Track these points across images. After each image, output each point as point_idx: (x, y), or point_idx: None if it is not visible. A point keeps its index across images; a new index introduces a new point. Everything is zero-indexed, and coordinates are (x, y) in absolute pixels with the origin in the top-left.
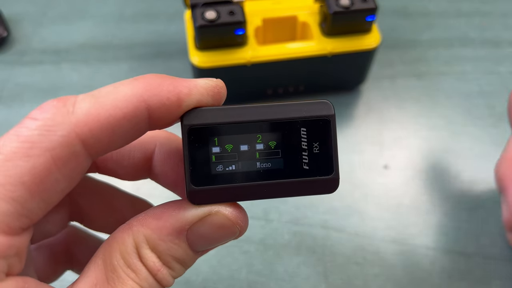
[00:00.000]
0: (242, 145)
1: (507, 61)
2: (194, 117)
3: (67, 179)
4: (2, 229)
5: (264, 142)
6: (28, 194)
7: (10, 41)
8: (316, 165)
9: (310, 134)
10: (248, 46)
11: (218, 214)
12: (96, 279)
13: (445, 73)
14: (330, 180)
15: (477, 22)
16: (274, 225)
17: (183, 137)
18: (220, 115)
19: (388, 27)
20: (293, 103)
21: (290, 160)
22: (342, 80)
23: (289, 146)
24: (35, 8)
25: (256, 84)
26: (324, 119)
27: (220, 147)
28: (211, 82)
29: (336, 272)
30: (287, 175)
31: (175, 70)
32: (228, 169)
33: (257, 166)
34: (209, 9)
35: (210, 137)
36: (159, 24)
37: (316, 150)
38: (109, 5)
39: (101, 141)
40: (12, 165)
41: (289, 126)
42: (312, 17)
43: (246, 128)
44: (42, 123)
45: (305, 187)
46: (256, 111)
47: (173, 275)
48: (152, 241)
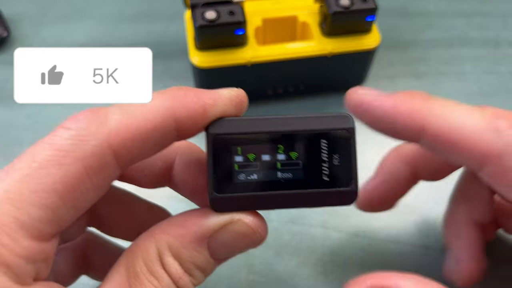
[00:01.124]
0: (264, 155)
1: (507, 61)
2: (218, 126)
3: (97, 188)
4: (33, 234)
5: (285, 152)
6: (60, 201)
7: (10, 41)
8: (336, 177)
9: (330, 146)
10: (248, 46)
11: (239, 222)
12: (118, 286)
13: (445, 73)
14: (349, 192)
15: (477, 22)
16: (274, 225)
17: (207, 145)
18: (244, 125)
19: (388, 27)
20: (315, 115)
21: (311, 171)
22: (342, 80)
23: (310, 157)
24: (35, 8)
25: (256, 84)
26: (344, 131)
27: (243, 156)
28: (234, 92)
29: (335, 272)
30: (307, 186)
31: (175, 70)
32: (250, 178)
33: (278, 176)
34: (209, 9)
35: (234, 146)
36: (159, 24)
37: (336, 162)
38: (109, 5)
39: (132, 152)
40: (46, 173)
41: (311, 138)
42: (312, 17)
43: (268, 138)
44: (76, 132)
45: (324, 198)
46: (278, 122)
47: (193, 283)
48: (174, 248)
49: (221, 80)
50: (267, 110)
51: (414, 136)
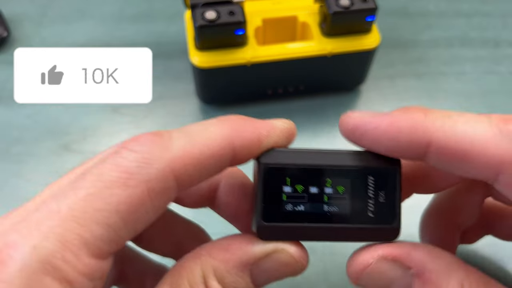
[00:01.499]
0: (312, 187)
1: (507, 61)
2: (270, 157)
3: (156, 210)
4: (94, 252)
5: (333, 186)
6: (121, 222)
7: (11, 41)
8: (381, 214)
9: (377, 183)
10: (248, 46)
11: (283, 251)
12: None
13: (445, 73)
14: (392, 229)
15: (477, 22)
16: None
17: (258, 174)
18: (294, 157)
19: (388, 27)
20: (363, 152)
21: (357, 206)
22: (342, 80)
23: (357, 192)
24: (35, 8)
25: (256, 84)
26: (391, 169)
27: (292, 187)
28: (286, 125)
29: (336, 272)
30: (352, 221)
31: (175, 70)
32: (297, 209)
33: (325, 209)
34: (209, 9)
35: (283, 177)
36: (159, 24)
37: (382, 199)
38: (109, 5)
39: (192, 176)
40: (110, 193)
41: (358, 174)
42: (312, 17)
43: (317, 171)
44: (140, 155)
45: (368, 234)
46: (328, 156)
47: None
48: (219, 272)
49: (221, 80)
50: (267, 110)
51: (420, 153)
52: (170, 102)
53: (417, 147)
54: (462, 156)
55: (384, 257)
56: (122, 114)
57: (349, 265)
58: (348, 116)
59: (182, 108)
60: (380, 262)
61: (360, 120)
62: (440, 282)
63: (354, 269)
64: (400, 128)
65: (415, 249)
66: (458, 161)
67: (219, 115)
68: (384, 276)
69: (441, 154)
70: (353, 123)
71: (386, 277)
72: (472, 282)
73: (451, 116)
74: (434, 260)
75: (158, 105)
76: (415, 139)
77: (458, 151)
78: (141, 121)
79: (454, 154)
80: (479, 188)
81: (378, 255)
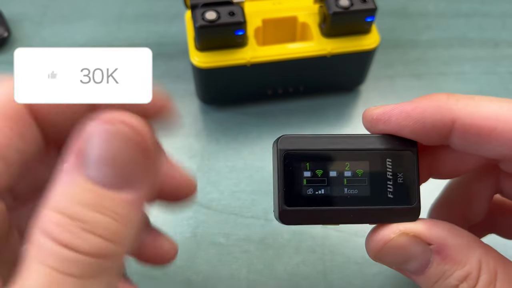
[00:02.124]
0: (331, 171)
1: (506, 61)
2: (288, 142)
3: (19, 137)
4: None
5: (352, 169)
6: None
7: (11, 42)
8: (400, 195)
9: (395, 165)
10: (248, 46)
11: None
12: None
13: (444, 73)
14: (413, 209)
15: (476, 23)
16: (274, 224)
17: (278, 161)
18: (313, 143)
19: (387, 27)
20: (381, 136)
21: (376, 188)
22: (342, 81)
23: (375, 175)
24: (35, 8)
25: (256, 85)
26: (409, 152)
27: (311, 171)
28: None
29: (335, 271)
30: (373, 202)
31: (176, 70)
32: (318, 193)
33: (345, 192)
34: (209, 10)
35: (303, 162)
36: (160, 24)
37: (400, 180)
38: (110, 5)
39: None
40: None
41: (377, 157)
42: (312, 18)
43: (336, 155)
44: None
45: (389, 215)
46: (345, 140)
47: None
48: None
49: (221, 80)
50: (267, 110)
51: (445, 133)
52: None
53: (442, 127)
54: (488, 132)
55: (405, 232)
56: None
57: (369, 241)
58: (370, 109)
59: (182, 108)
60: (401, 237)
61: (384, 109)
62: (460, 258)
63: (374, 244)
64: (425, 110)
65: (435, 226)
66: (483, 137)
67: (219, 115)
68: (403, 252)
69: (466, 132)
70: (377, 113)
71: (406, 253)
72: (490, 260)
73: (474, 98)
74: (454, 237)
75: None
76: (439, 118)
77: (484, 127)
78: None
79: (479, 130)
80: (490, 179)
81: (400, 230)
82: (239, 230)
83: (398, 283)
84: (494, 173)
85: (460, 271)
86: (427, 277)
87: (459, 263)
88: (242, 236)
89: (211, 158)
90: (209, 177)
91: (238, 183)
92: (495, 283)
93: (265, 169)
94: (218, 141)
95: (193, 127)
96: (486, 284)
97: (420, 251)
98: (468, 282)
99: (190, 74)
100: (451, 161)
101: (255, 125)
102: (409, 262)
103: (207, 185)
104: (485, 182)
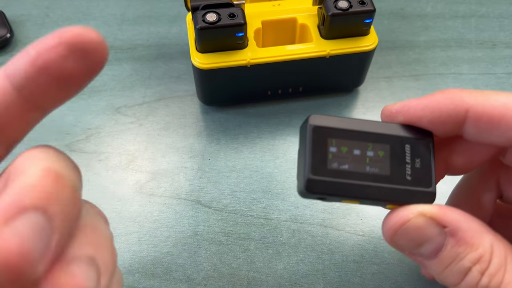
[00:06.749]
0: (355, 150)
1: (503, 62)
2: (318, 120)
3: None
4: None
5: (374, 150)
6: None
7: (14, 43)
8: (418, 178)
9: (413, 151)
10: (248, 48)
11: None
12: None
13: (442, 74)
14: (429, 193)
15: (473, 24)
16: (273, 223)
17: (307, 134)
18: (340, 122)
19: (385, 28)
20: (401, 125)
21: (395, 169)
22: (341, 82)
23: (395, 157)
24: (38, 10)
25: (256, 85)
26: (425, 141)
27: (337, 148)
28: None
29: (334, 270)
30: (392, 182)
31: (177, 71)
32: (342, 167)
33: (367, 169)
34: (210, 12)
35: (330, 138)
36: (161, 26)
37: (418, 165)
38: (111, 7)
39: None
40: None
41: (397, 141)
42: (311, 19)
43: (360, 136)
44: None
45: (407, 195)
46: (370, 124)
47: None
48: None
49: (221, 81)
50: (267, 111)
51: (459, 121)
52: (171, 102)
53: (457, 115)
54: (498, 119)
55: (423, 213)
56: (124, 115)
57: (386, 222)
58: (389, 105)
59: (183, 109)
60: (419, 218)
61: (403, 102)
62: (473, 241)
63: (392, 224)
64: (441, 101)
65: (451, 210)
66: (494, 124)
67: (220, 115)
68: (420, 233)
69: (479, 119)
70: (397, 106)
71: (422, 234)
72: (501, 245)
73: (483, 91)
74: (468, 221)
75: (159, 105)
76: (454, 108)
77: (494, 114)
78: (143, 121)
79: (491, 117)
80: (492, 181)
81: (418, 211)
82: (239, 229)
83: (396, 282)
84: (496, 173)
85: (473, 253)
86: (440, 260)
87: (473, 246)
88: (242, 235)
89: (211, 158)
90: (209, 177)
91: (238, 183)
92: (505, 267)
93: (265, 169)
94: (219, 141)
95: (194, 127)
96: (497, 267)
97: (436, 233)
98: (481, 265)
99: (191, 75)
100: (465, 152)
101: (255, 125)
102: (424, 245)
103: (207, 184)
104: (488, 183)
